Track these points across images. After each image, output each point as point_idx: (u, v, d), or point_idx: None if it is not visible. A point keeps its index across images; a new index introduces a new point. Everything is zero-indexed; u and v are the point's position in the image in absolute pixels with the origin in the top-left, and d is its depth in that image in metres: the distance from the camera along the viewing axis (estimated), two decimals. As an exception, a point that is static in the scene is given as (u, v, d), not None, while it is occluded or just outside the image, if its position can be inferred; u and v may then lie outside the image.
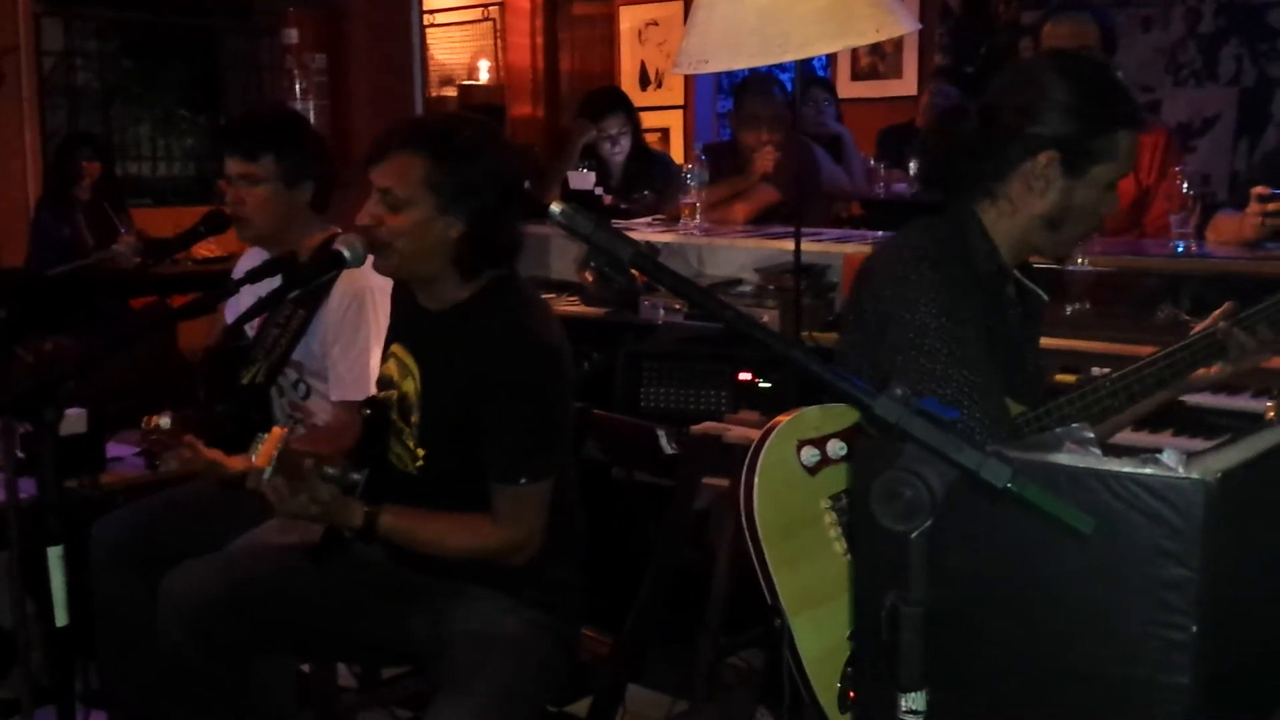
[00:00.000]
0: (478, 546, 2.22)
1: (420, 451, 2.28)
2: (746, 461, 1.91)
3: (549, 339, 2.25)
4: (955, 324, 1.93)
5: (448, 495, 2.25)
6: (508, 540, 2.22)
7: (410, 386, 2.30)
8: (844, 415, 1.97)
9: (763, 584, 1.89)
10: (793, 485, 1.92)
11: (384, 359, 2.41)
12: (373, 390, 2.66)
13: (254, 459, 2.07)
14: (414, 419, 2.28)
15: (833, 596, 1.88)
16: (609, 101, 4.92)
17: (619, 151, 4.77)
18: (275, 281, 2.30)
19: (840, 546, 1.94)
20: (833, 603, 1.88)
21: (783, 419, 1.95)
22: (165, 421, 2.42)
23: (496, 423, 2.19)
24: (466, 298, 2.27)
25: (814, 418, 1.96)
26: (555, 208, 1.41)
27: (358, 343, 2.68)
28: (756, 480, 1.88)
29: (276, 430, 2.08)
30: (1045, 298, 2.19)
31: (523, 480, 2.20)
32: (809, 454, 1.94)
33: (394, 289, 2.49)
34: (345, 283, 2.64)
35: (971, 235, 2.04)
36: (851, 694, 1.83)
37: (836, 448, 1.95)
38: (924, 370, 1.90)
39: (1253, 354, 2.11)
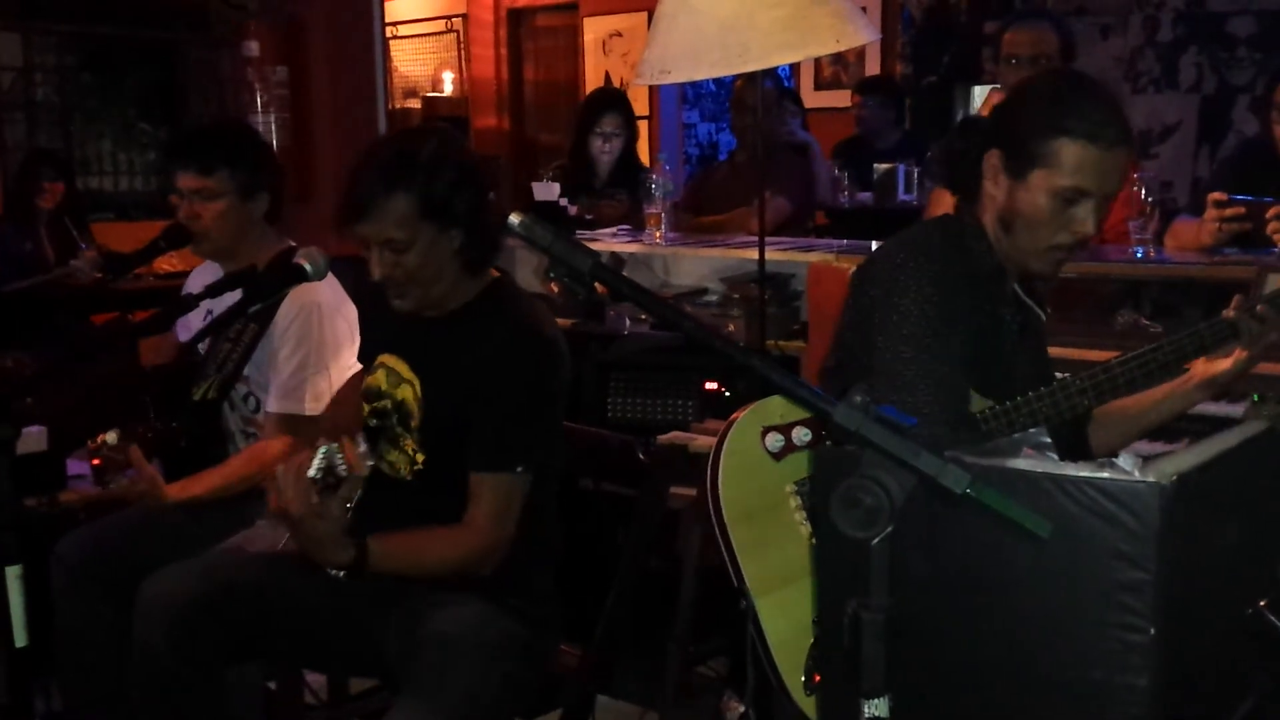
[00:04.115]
0: (452, 557, 2.20)
1: (420, 457, 2.29)
2: (712, 447, 1.93)
3: (552, 335, 2.29)
4: (939, 318, 1.97)
5: (441, 500, 2.23)
6: (483, 544, 2.20)
7: (408, 393, 2.30)
8: None
9: (729, 567, 1.91)
10: (757, 470, 1.95)
11: (370, 370, 2.40)
12: (315, 405, 2.65)
13: (346, 470, 1.97)
14: (414, 424, 2.28)
15: (798, 579, 1.90)
16: (610, 100, 4.98)
17: (608, 151, 4.79)
18: (231, 297, 2.28)
19: (805, 530, 1.96)
20: (798, 585, 1.90)
21: (749, 406, 1.98)
22: (112, 437, 2.39)
23: (496, 409, 2.19)
24: (467, 302, 2.30)
25: (779, 405, 2.00)
26: (514, 219, 1.41)
27: (298, 356, 2.66)
28: (721, 464, 1.91)
29: (343, 437, 2.01)
30: (1043, 315, 2.21)
31: (518, 468, 2.19)
32: (774, 440, 1.97)
33: (373, 300, 2.47)
34: (294, 297, 2.63)
35: (970, 237, 2.09)
36: (816, 676, 1.84)
37: (801, 434, 1.99)
38: (897, 353, 1.95)
39: (1263, 336, 2.12)
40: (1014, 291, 2.14)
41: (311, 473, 1.97)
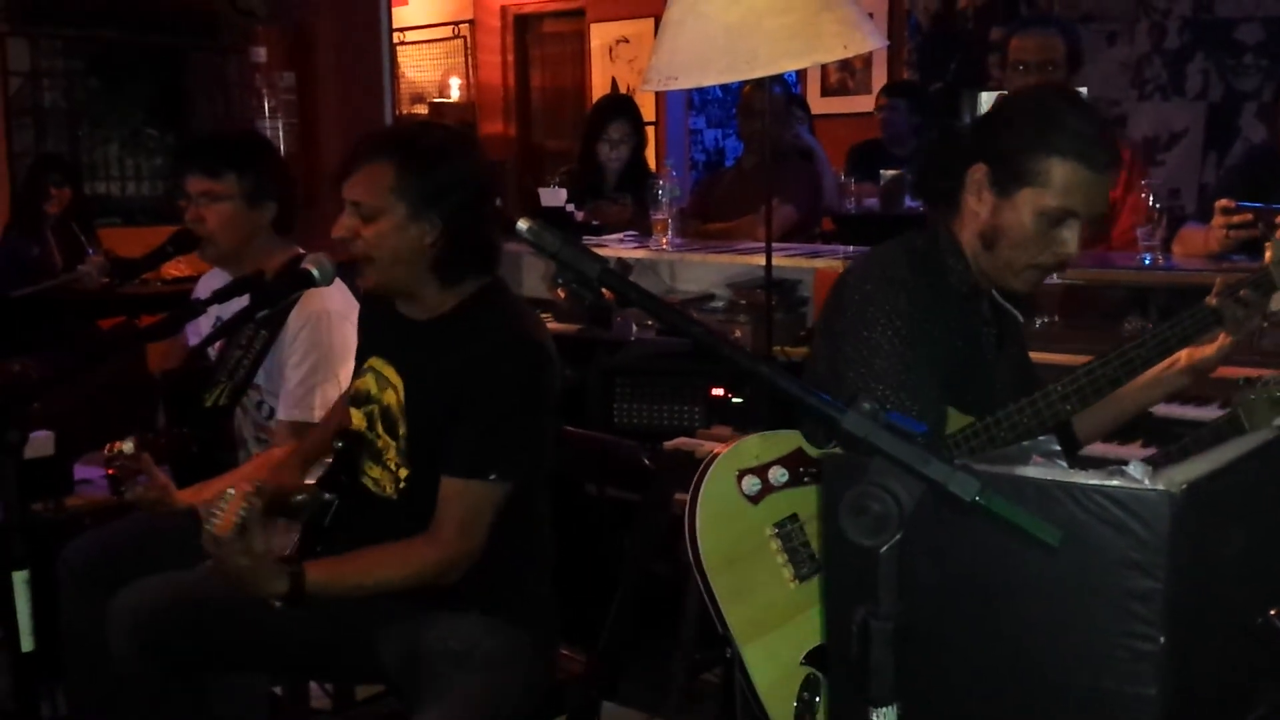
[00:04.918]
0: (407, 573, 2.13)
1: (403, 472, 2.24)
2: (689, 494, 1.90)
3: (540, 340, 2.22)
4: (908, 348, 1.94)
5: (427, 518, 2.17)
6: (444, 556, 2.13)
7: (392, 398, 2.26)
8: (784, 442, 1.98)
9: (713, 615, 1.89)
10: (735, 515, 1.92)
11: (359, 374, 2.38)
12: (321, 412, 2.65)
13: (214, 526, 1.96)
14: (401, 431, 2.24)
15: (783, 623, 1.88)
16: (618, 107, 5.00)
17: (616, 158, 4.81)
18: (240, 303, 2.28)
19: (788, 572, 1.94)
20: (783, 629, 1.88)
21: (721, 450, 1.95)
22: (128, 447, 2.40)
23: (474, 414, 2.13)
24: (453, 306, 2.25)
25: (753, 447, 1.97)
26: (522, 224, 1.41)
27: (307, 363, 2.66)
28: (699, 513, 1.88)
29: (242, 486, 1.98)
30: (1020, 319, 2.20)
31: (492, 476, 2.12)
32: (750, 483, 1.94)
33: (368, 303, 2.47)
34: (303, 304, 2.64)
35: (947, 254, 2.06)
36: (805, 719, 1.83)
37: (778, 474, 1.95)
38: (868, 389, 1.93)
39: (1247, 320, 2.12)
40: (991, 301, 2.12)
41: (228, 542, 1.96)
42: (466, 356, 2.17)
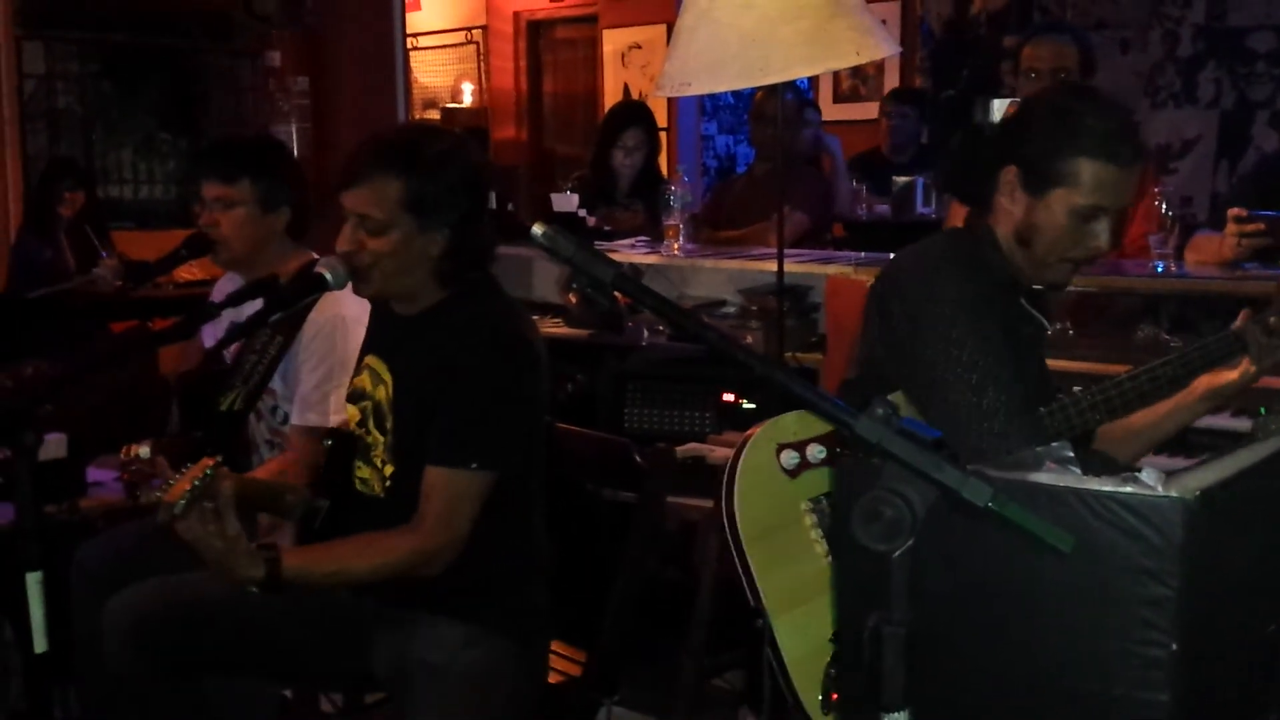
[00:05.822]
0: (391, 562, 2.11)
1: (389, 469, 2.24)
2: (728, 465, 1.93)
3: (524, 333, 2.22)
4: (980, 317, 1.99)
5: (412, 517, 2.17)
6: (425, 545, 2.11)
7: (383, 394, 2.26)
8: (821, 421, 2.00)
9: (745, 586, 1.91)
10: (773, 488, 1.95)
11: (357, 371, 2.38)
12: (336, 417, 2.65)
13: (165, 492, 1.95)
14: (389, 426, 2.24)
15: (814, 597, 1.90)
16: (633, 114, 5.00)
17: (630, 165, 4.82)
18: (254, 306, 2.29)
19: (821, 548, 1.96)
20: (814, 604, 1.90)
21: (762, 424, 1.98)
22: (145, 451, 2.40)
23: (456, 403, 2.12)
24: (441, 300, 2.24)
25: (792, 423, 2.00)
26: (537, 229, 1.42)
27: (322, 368, 2.67)
28: (737, 482, 1.91)
29: (204, 460, 1.97)
30: (1047, 326, 2.23)
31: (474, 464, 2.10)
32: (789, 457, 1.97)
33: (372, 303, 2.48)
34: (319, 309, 2.64)
35: (985, 248, 2.10)
36: (834, 695, 1.84)
37: (815, 451, 1.99)
38: (953, 358, 1.96)
39: (1272, 350, 2.13)
40: (1022, 303, 2.15)
41: (178, 511, 1.95)
42: (450, 348, 2.16)
